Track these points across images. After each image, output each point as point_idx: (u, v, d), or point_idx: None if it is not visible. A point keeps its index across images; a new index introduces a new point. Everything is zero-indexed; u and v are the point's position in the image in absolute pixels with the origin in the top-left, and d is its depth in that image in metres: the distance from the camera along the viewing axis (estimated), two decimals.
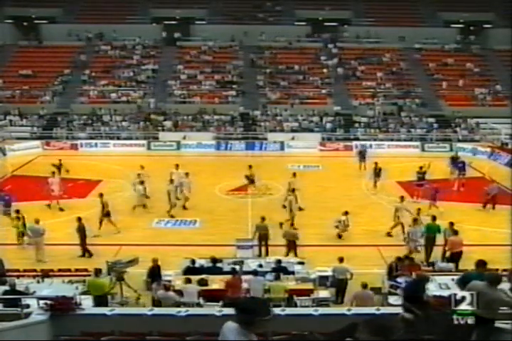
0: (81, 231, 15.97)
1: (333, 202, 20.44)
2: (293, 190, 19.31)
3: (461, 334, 6.66)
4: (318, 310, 8.60)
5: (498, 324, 7.39)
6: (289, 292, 12.43)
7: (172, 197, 20.18)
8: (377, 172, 22.75)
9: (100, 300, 11.53)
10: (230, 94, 37.25)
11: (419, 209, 17.31)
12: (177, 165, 22.03)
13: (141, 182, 20.59)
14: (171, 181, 20.69)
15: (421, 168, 22.52)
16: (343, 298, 13.11)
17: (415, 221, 16.10)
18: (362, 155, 26.34)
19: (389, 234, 17.63)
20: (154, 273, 13.09)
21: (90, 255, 16.02)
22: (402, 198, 18.36)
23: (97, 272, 12.34)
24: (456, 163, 24.45)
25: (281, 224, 17.19)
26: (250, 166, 22.88)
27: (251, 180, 22.28)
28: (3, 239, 16.48)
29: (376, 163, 23.08)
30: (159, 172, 25.52)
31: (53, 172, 21.55)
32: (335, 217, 17.79)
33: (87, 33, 41.92)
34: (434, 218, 16.28)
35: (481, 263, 8.73)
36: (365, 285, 12.06)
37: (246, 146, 32.24)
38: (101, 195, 18.58)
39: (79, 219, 16.18)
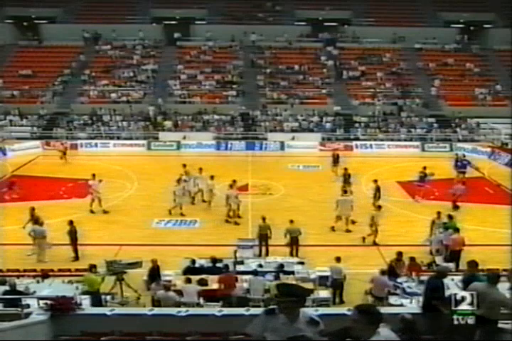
0: (72, 234, 15.84)
1: (333, 202, 20.36)
2: (379, 207, 18.02)
3: (463, 334, 6.68)
4: (319, 310, 8.55)
5: (498, 324, 7.40)
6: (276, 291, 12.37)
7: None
8: (347, 179, 21.78)
9: (93, 296, 11.55)
10: (230, 94, 37.24)
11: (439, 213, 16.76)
12: (200, 169, 21.35)
13: (212, 177, 20.44)
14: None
15: (424, 168, 22.44)
16: (342, 297, 13.12)
17: (447, 229, 15.76)
18: (335, 159, 25.26)
19: None
20: (154, 274, 13.09)
21: (77, 258, 15.86)
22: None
23: (91, 267, 12.42)
24: (458, 161, 24.55)
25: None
26: (184, 165, 21.91)
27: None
28: (3, 239, 16.48)
29: (346, 169, 22.35)
30: (159, 172, 25.62)
31: (93, 175, 20.62)
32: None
33: (87, 33, 41.93)
34: (450, 217, 16.25)
35: (474, 264, 8.86)
36: (383, 272, 12.39)
37: (246, 146, 32.23)
38: (33, 209, 17.32)
39: (70, 222, 16.05)
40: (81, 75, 38.60)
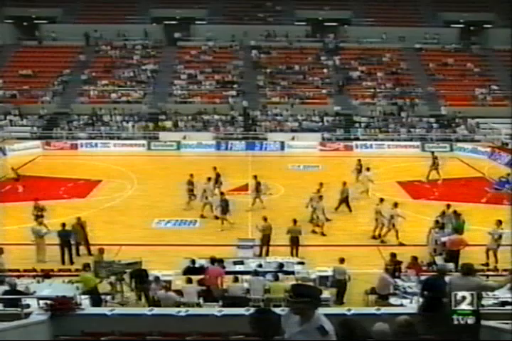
0: (62, 236, 15.70)
1: (333, 202, 20.36)
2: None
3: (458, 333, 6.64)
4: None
5: (498, 324, 7.39)
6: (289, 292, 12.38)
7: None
8: (258, 188, 20.49)
9: (91, 295, 11.54)
10: (230, 94, 37.25)
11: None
12: (321, 184, 19.83)
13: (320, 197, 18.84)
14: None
15: (508, 174, 22.73)
16: (343, 298, 13.12)
17: (442, 228, 15.82)
18: (217, 177, 22.06)
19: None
20: (139, 275, 12.88)
21: (71, 262, 15.72)
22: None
23: (85, 266, 12.43)
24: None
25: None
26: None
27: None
28: (3, 239, 16.46)
29: (256, 177, 21.07)
30: (159, 172, 25.63)
31: (209, 178, 20.03)
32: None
33: (87, 33, 41.90)
34: (457, 213, 16.27)
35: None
36: (386, 269, 12.72)
37: (246, 146, 32.24)
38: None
39: (63, 224, 15.91)
40: (81, 75, 38.61)
